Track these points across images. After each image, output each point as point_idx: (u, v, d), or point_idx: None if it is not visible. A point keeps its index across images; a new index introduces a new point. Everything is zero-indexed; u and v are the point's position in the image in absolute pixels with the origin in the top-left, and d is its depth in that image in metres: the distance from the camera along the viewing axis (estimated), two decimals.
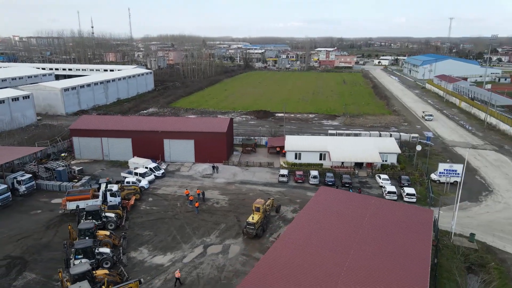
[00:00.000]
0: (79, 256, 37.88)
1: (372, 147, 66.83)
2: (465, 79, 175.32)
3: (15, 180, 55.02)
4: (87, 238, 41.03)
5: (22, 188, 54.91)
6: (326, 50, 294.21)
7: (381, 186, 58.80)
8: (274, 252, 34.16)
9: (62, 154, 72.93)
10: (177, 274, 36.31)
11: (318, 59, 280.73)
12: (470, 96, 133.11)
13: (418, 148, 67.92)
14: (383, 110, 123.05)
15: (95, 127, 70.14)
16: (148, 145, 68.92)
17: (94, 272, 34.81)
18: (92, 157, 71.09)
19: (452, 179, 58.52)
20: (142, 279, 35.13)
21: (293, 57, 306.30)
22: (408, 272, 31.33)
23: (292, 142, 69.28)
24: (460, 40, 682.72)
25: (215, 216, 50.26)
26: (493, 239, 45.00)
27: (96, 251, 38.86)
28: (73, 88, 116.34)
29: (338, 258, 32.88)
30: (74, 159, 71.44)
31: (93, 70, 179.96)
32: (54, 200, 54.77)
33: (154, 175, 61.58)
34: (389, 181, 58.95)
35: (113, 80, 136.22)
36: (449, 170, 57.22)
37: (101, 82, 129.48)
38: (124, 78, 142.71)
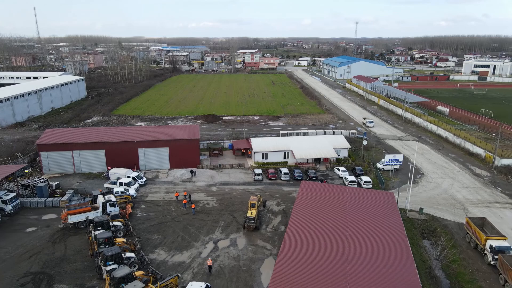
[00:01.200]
0: (110, 262, 41.06)
1: (328, 144, 77.59)
2: (376, 78, 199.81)
3: (0, 199, 54.04)
4: (107, 246, 44.06)
5: (9, 208, 54.17)
6: (251, 52, 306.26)
7: (341, 177, 69.54)
8: (288, 245, 39.74)
9: (26, 170, 70.97)
10: (209, 262, 42.00)
11: (244, 61, 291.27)
12: (385, 94, 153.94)
13: (365, 143, 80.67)
14: (317, 110, 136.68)
15: (65, 141, 69.84)
16: (123, 155, 70.86)
17: (133, 273, 38.73)
18: (62, 171, 70.61)
19: (395, 167, 71.72)
20: (179, 274, 39.99)
21: (217, 59, 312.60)
22: (396, 243, 41.21)
23: (259, 144, 76.94)
24: (360, 41, 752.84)
25: (211, 216, 55.83)
26: (434, 211, 57.97)
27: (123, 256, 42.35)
28: (7, 99, 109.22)
29: (339, 242, 40.51)
30: (41, 174, 70.12)
31: (13, 77, 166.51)
32: (44, 216, 55.11)
33: (138, 184, 64.48)
34: (347, 172, 70.02)
35: (47, 88, 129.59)
36: (393, 159, 70.18)
37: (35, 92, 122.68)
38: (57, 86, 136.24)
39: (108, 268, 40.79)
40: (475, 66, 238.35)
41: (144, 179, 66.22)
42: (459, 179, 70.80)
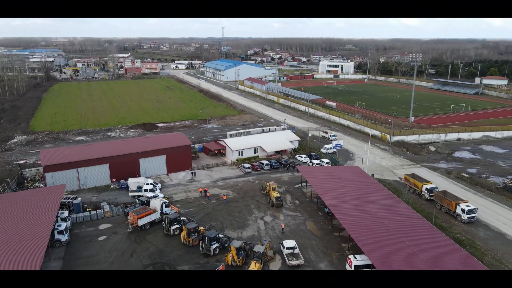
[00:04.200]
0: (214, 242, 53.26)
1: (284, 138, 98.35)
2: (260, 79, 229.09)
3: (59, 218, 57.32)
4: (196, 234, 55.60)
5: (68, 224, 57.97)
6: (131, 58, 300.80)
7: (305, 162, 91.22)
8: (346, 219, 56.79)
9: None
10: (282, 226, 58.24)
11: (123, 66, 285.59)
12: (278, 92, 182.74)
13: (310, 134, 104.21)
14: (233, 111, 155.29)
15: (70, 160, 72.31)
16: (125, 166, 77.15)
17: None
18: (68, 189, 72.49)
19: (335, 150, 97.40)
20: (269, 239, 55.18)
21: (90, 64, 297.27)
22: (393, 200, 64.62)
23: (234, 144, 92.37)
24: (213, 41, 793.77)
25: (240, 203, 70.34)
26: (377, 175, 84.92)
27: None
28: None
29: (367, 207, 62.02)
30: None
31: None
32: (100, 226, 60.65)
33: (158, 189, 73.23)
34: (308, 158, 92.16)
35: None
36: (337, 144, 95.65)
37: None
38: None
39: (213, 247, 53.16)
40: (328, 66, 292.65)
41: (160, 185, 75.06)
42: (376, 153, 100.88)
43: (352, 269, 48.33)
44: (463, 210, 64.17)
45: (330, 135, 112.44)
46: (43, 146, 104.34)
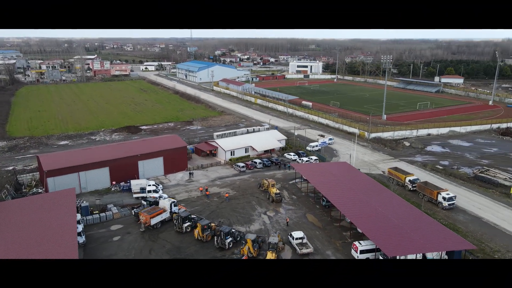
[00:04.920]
0: (228, 237, 56.80)
1: (272, 138, 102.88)
2: (234, 80, 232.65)
3: None
4: (209, 230, 58.91)
5: (82, 226, 59.31)
6: (99, 59, 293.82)
7: (294, 160, 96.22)
8: (346, 210, 62.54)
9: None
10: (287, 220, 62.55)
11: (91, 68, 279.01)
12: (253, 92, 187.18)
13: (296, 133, 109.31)
14: (214, 112, 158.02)
15: (72, 164, 72.92)
16: (124, 169, 78.63)
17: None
18: None
19: (324, 146, 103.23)
20: (279, 232, 59.39)
21: (55, 66, 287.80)
22: (386, 192, 70.82)
23: (226, 144, 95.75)
24: (177, 41, 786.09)
25: (242, 200, 74.03)
26: (363, 170, 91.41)
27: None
28: None
29: (363, 197, 67.77)
30: None
31: None
32: (111, 227, 62.37)
33: (161, 190, 75.44)
34: (297, 156, 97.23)
35: None
36: (323, 142, 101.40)
37: None
38: None
39: (228, 240, 56.72)
40: (298, 66, 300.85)
41: (161, 186, 77.24)
42: (357, 150, 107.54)
43: (358, 253, 53.61)
44: (444, 198, 71.51)
45: (327, 139, 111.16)
46: (27, 151, 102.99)
